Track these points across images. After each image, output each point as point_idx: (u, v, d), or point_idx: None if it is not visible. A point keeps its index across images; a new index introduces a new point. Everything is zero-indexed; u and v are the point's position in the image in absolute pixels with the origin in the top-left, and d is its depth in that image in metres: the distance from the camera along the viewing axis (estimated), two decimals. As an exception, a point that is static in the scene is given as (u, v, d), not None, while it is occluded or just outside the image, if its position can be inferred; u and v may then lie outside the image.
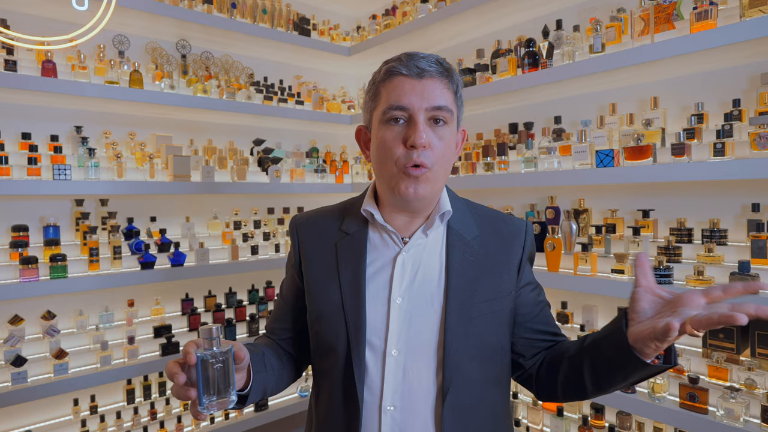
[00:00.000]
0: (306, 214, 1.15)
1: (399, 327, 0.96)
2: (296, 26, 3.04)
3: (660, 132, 1.93)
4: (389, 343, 0.96)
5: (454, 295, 0.97)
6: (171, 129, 2.82)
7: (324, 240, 1.07)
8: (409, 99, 0.93)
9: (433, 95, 0.93)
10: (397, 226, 1.02)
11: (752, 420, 1.60)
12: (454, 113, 0.97)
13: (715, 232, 1.83)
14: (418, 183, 0.94)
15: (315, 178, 3.13)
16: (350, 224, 1.06)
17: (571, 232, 2.09)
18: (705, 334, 1.83)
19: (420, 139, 0.91)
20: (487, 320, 0.99)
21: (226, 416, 2.60)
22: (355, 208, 1.07)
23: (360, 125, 1.07)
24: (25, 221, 2.29)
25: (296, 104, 3.08)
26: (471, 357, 0.97)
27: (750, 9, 1.60)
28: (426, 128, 0.93)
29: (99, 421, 2.29)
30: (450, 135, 0.97)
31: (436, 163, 0.94)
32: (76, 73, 2.29)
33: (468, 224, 1.05)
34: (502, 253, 1.04)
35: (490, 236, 1.05)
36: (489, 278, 1.01)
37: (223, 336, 2.64)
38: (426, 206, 1.00)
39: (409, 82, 0.94)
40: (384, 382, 0.95)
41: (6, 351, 2.07)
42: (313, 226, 1.10)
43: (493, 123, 2.72)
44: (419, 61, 0.94)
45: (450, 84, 0.96)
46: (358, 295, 0.98)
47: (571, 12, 2.39)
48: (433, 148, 0.93)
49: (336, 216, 1.10)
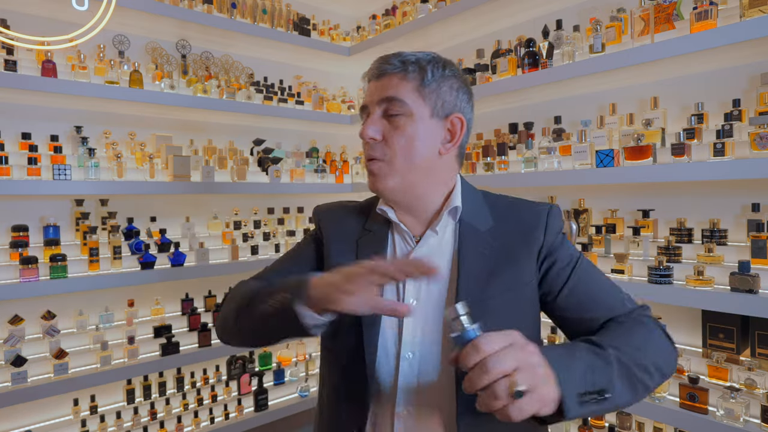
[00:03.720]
0: (329, 206, 1.15)
1: (413, 329, 0.95)
2: (296, 26, 3.04)
3: (660, 132, 1.93)
4: (404, 347, 0.94)
5: (464, 293, 0.94)
6: (171, 129, 2.82)
7: (347, 236, 1.07)
8: (368, 98, 0.98)
9: (386, 88, 0.95)
10: (408, 225, 1.02)
11: (752, 420, 1.59)
12: (410, 104, 0.94)
13: (715, 232, 1.83)
14: (376, 177, 0.96)
15: (315, 178, 3.13)
16: (373, 223, 1.07)
17: (571, 232, 2.09)
18: (705, 334, 1.83)
19: (363, 132, 0.95)
20: (503, 314, 0.95)
21: (226, 416, 2.60)
22: (374, 207, 1.08)
23: None
24: (25, 221, 2.29)
25: (296, 104, 3.08)
26: None
27: (750, 9, 1.60)
28: (378, 121, 0.95)
29: (99, 421, 2.29)
30: (411, 126, 0.94)
31: (393, 155, 0.94)
32: (76, 73, 2.29)
33: (483, 216, 1.02)
34: (520, 241, 0.99)
35: (509, 226, 1.01)
36: (505, 270, 0.97)
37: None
38: (410, 201, 0.99)
39: (372, 84, 0.99)
40: (398, 385, 0.93)
41: (6, 351, 2.07)
42: (337, 219, 1.10)
43: (493, 123, 2.72)
44: (381, 63, 0.97)
45: (408, 75, 0.95)
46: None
47: (571, 12, 2.39)
48: (388, 140, 0.94)
49: (360, 213, 1.10)
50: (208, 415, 2.56)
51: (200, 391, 2.61)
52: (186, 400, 2.54)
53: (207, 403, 2.60)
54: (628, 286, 1.82)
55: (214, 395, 2.62)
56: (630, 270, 1.88)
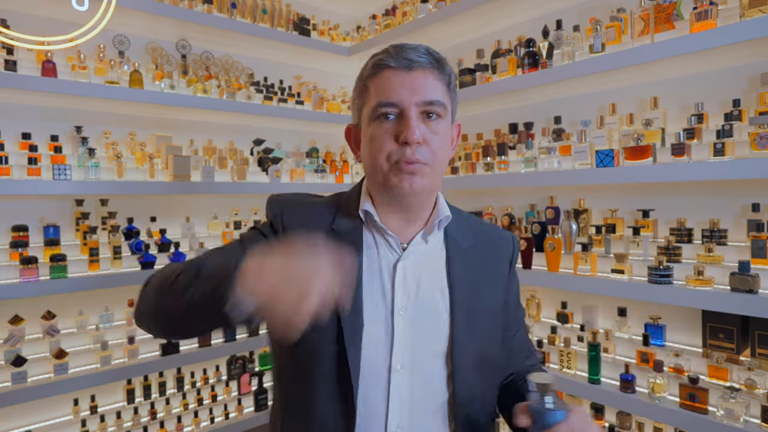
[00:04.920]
0: (291, 199, 1.01)
1: (405, 340, 0.89)
2: (296, 26, 3.04)
3: (660, 132, 1.93)
4: (394, 358, 0.88)
5: (459, 307, 0.92)
6: (171, 129, 2.82)
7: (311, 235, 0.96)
8: (398, 94, 0.86)
9: (425, 88, 0.87)
10: (393, 229, 0.94)
11: (752, 420, 1.59)
12: (447, 107, 0.91)
13: (715, 232, 1.83)
14: (414, 176, 0.87)
15: (315, 178, 3.13)
16: (343, 223, 0.95)
17: (571, 232, 2.09)
18: (705, 334, 1.83)
19: (413, 135, 0.84)
20: (489, 333, 0.96)
21: (226, 416, 2.61)
22: (347, 206, 0.98)
23: (349, 124, 1.01)
24: (25, 221, 2.29)
25: (296, 104, 3.08)
26: (476, 371, 0.93)
27: (750, 9, 1.60)
28: (419, 123, 0.86)
29: (99, 421, 2.29)
30: (445, 129, 0.91)
31: (433, 158, 0.88)
32: (76, 73, 2.28)
33: (463, 232, 1.00)
34: (494, 263, 1.01)
35: (486, 246, 1.01)
36: (487, 290, 0.97)
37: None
38: (420, 204, 0.95)
39: (398, 75, 0.87)
40: (390, 399, 0.87)
41: (6, 351, 2.07)
42: (301, 215, 0.97)
43: (493, 123, 2.72)
44: (408, 52, 0.87)
45: (442, 75, 0.90)
46: (354, 299, 0.88)
47: (571, 12, 2.39)
48: (429, 144, 0.87)
49: (326, 212, 0.98)
50: (208, 415, 2.56)
51: (200, 391, 2.61)
52: (186, 400, 2.54)
53: (207, 403, 2.60)
54: (628, 286, 1.82)
55: (214, 395, 2.62)
56: (630, 270, 1.88)
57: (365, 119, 0.92)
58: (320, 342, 0.87)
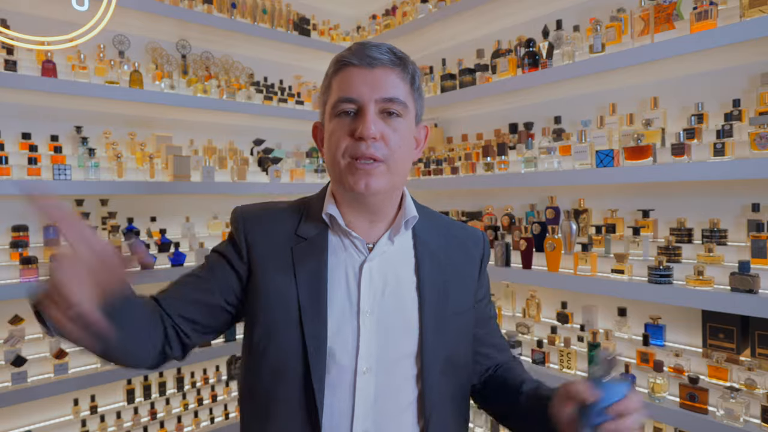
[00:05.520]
0: (254, 209, 1.00)
1: (371, 342, 0.89)
2: (296, 26, 3.04)
3: (660, 132, 1.93)
4: (360, 361, 0.87)
5: (428, 308, 0.92)
6: (171, 129, 2.82)
7: (277, 243, 0.94)
8: (358, 90, 0.86)
9: (385, 86, 0.87)
10: (359, 231, 0.94)
11: (752, 420, 1.59)
12: (408, 106, 0.91)
13: (715, 232, 1.83)
14: (370, 176, 0.86)
15: (315, 178, 3.13)
16: (308, 228, 0.95)
17: (571, 232, 2.09)
18: (705, 334, 1.83)
19: (368, 130, 0.84)
20: (457, 333, 0.96)
21: (226, 416, 2.61)
22: (312, 210, 0.98)
23: (316, 122, 1.01)
24: (25, 221, 2.29)
25: (296, 104, 3.08)
26: (444, 372, 0.92)
27: (750, 9, 1.60)
28: (376, 120, 0.86)
29: (99, 421, 2.29)
30: (406, 128, 0.91)
31: (390, 156, 0.87)
32: (76, 73, 2.28)
33: (432, 232, 1.00)
34: (464, 264, 1.01)
35: (455, 246, 1.01)
36: (456, 290, 0.97)
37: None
38: (383, 204, 0.94)
39: (359, 72, 0.87)
40: (355, 404, 0.86)
41: (6, 351, 2.07)
42: (264, 225, 0.97)
43: (493, 123, 2.72)
44: (370, 50, 0.88)
45: (404, 74, 0.90)
46: (319, 305, 0.88)
47: (571, 12, 2.39)
48: (387, 140, 0.87)
49: (290, 217, 0.98)
50: (208, 415, 2.56)
51: (200, 391, 2.61)
52: (186, 400, 2.54)
53: (207, 403, 2.60)
54: (628, 286, 1.82)
55: (214, 395, 2.62)
56: (630, 270, 1.88)
57: (327, 116, 0.93)
58: (282, 352, 0.88)
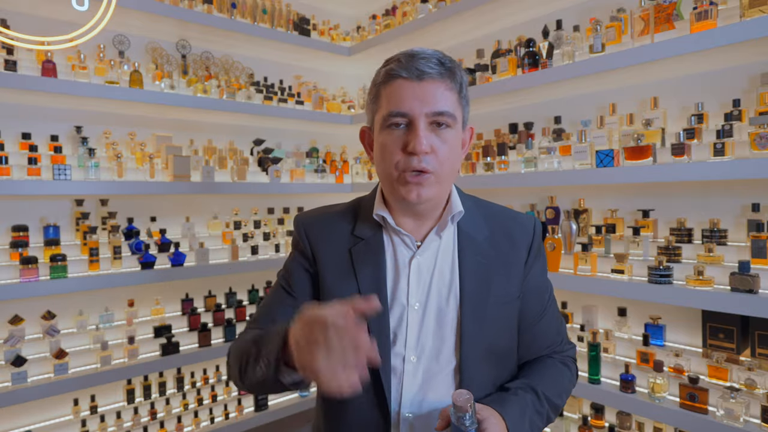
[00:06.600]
0: (312, 215, 1.09)
1: (417, 332, 0.96)
2: (296, 26, 3.04)
3: (660, 132, 1.93)
4: (408, 350, 0.95)
5: (468, 298, 0.96)
6: (171, 129, 2.82)
7: (336, 245, 1.02)
8: (409, 104, 0.89)
9: (434, 99, 0.89)
10: (408, 228, 1.00)
11: (752, 420, 1.59)
12: (457, 117, 0.94)
13: (715, 232, 1.83)
14: (422, 187, 0.91)
15: (315, 178, 3.13)
16: (363, 229, 1.02)
17: (571, 232, 2.09)
18: (705, 334, 1.83)
19: (420, 146, 0.88)
20: (499, 323, 0.99)
21: (226, 416, 2.60)
22: (365, 211, 1.04)
23: (364, 126, 1.05)
24: (25, 221, 2.29)
25: (296, 104, 3.08)
26: (485, 360, 0.96)
27: (750, 9, 1.60)
28: (427, 133, 0.90)
29: (99, 421, 2.29)
30: (454, 137, 0.94)
31: (439, 166, 0.92)
32: (76, 73, 2.28)
33: (478, 224, 1.04)
34: (511, 254, 1.02)
35: (500, 236, 1.03)
36: (500, 280, 1.00)
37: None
38: (432, 208, 0.99)
39: (409, 85, 0.89)
40: (403, 389, 0.94)
41: (6, 351, 2.07)
42: (323, 229, 1.05)
43: (493, 123, 2.72)
44: (419, 63, 0.89)
45: (453, 84, 0.92)
46: (381, 301, 0.94)
47: (571, 12, 2.39)
48: (437, 153, 0.91)
49: (346, 219, 1.05)
50: (208, 415, 2.56)
51: (200, 391, 2.61)
52: (186, 400, 2.54)
53: (207, 403, 2.60)
54: (628, 286, 1.82)
55: (214, 395, 2.62)
56: (630, 270, 1.88)
57: (377, 126, 0.96)
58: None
